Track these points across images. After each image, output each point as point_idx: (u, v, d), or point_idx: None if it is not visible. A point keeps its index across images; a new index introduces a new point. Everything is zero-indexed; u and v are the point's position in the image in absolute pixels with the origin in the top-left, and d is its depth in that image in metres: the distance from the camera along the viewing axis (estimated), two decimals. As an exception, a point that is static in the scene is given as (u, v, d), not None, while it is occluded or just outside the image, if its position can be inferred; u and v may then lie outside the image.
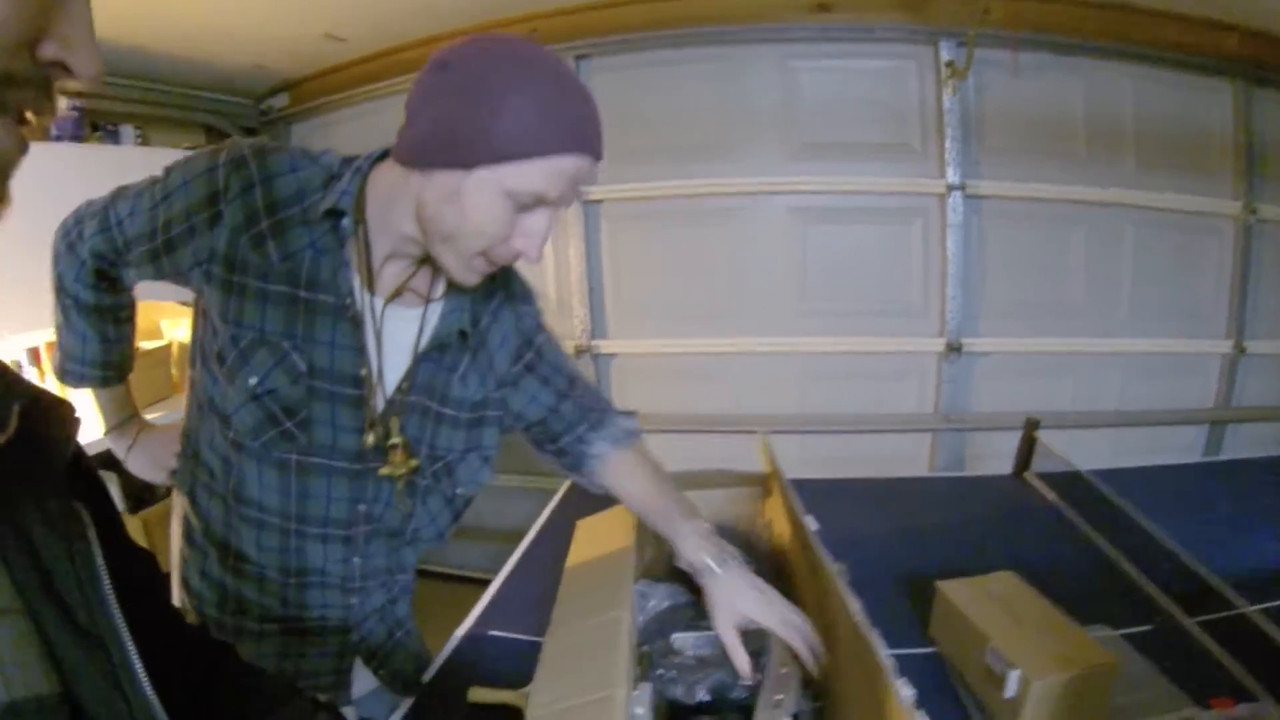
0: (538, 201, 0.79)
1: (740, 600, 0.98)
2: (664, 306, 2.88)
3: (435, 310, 0.96)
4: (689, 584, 1.10)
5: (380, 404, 0.94)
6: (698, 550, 1.02)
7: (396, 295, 0.92)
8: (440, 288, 0.97)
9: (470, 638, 1.28)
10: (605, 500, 1.21)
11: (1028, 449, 1.88)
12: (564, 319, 2.96)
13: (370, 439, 0.93)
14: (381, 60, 3.02)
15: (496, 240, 0.81)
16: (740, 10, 2.56)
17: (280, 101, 3.40)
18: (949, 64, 2.51)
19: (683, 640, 1.05)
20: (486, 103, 0.75)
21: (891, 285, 2.72)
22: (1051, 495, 1.74)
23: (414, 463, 0.97)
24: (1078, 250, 2.69)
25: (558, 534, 1.51)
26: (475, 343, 1.00)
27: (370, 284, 0.90)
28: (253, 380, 0.89)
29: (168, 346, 2.85)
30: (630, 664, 0.88)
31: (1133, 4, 2.39)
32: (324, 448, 0.93)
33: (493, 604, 1.39)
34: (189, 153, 0.95)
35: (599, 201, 2.87)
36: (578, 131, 0.79)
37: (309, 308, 0.88)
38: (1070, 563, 1.43)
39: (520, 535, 1.66)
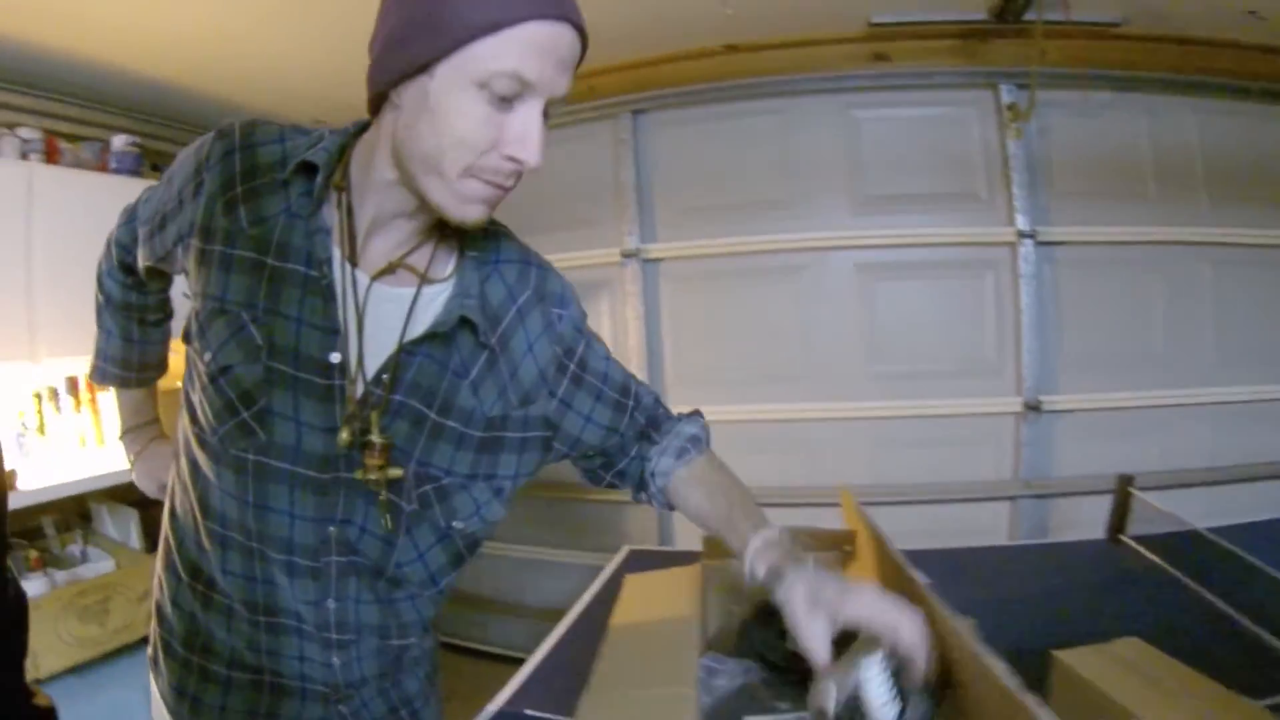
0: (518, 87, 0.67)
1: (824, 591, 0.77)
2: (726, 371, 2.76)
3: (437, 293, 0.82)
4: (764, 660, 0.96)
5: (358, 400, 0.78)
6: (765, 557, 0.84)
7: (388, 271, 0.80)
8: (445, 269, 0.83)
9: (502, 716, 1.12)
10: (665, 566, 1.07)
11: (1122, 509, 1.70)
12: None
13: (345, 434, 0.76)
14: None
15: (481, 148, 0.69)
16: (799, 61, 2.52)
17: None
18: (1010, 107, 2.43)
19: (758, 724, 0.89)
20: None
21: (964, 342, 2.56)
22: (1154, 557, 1.55)
23: (395, 472, 0.79)
24: (1156, 295, 2.53)
25: (606, 610, 1.35)
26: (497, 345, 0.84)
27: (352, 256, 0.78)
28: (207, 356, 0.78)
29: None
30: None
31: (1186, 35, 2.33)
32: (285, 448, 0.78)
33: (531, 679, 1.22)
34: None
35: (657, 261, 2.80)
36: None
37: (275, 276, 0.77)
38: (1187, 628, 1.24)
39: (561, 614, 1.49)
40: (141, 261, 0.93)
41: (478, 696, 1.19)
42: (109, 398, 2.51)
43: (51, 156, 2.46)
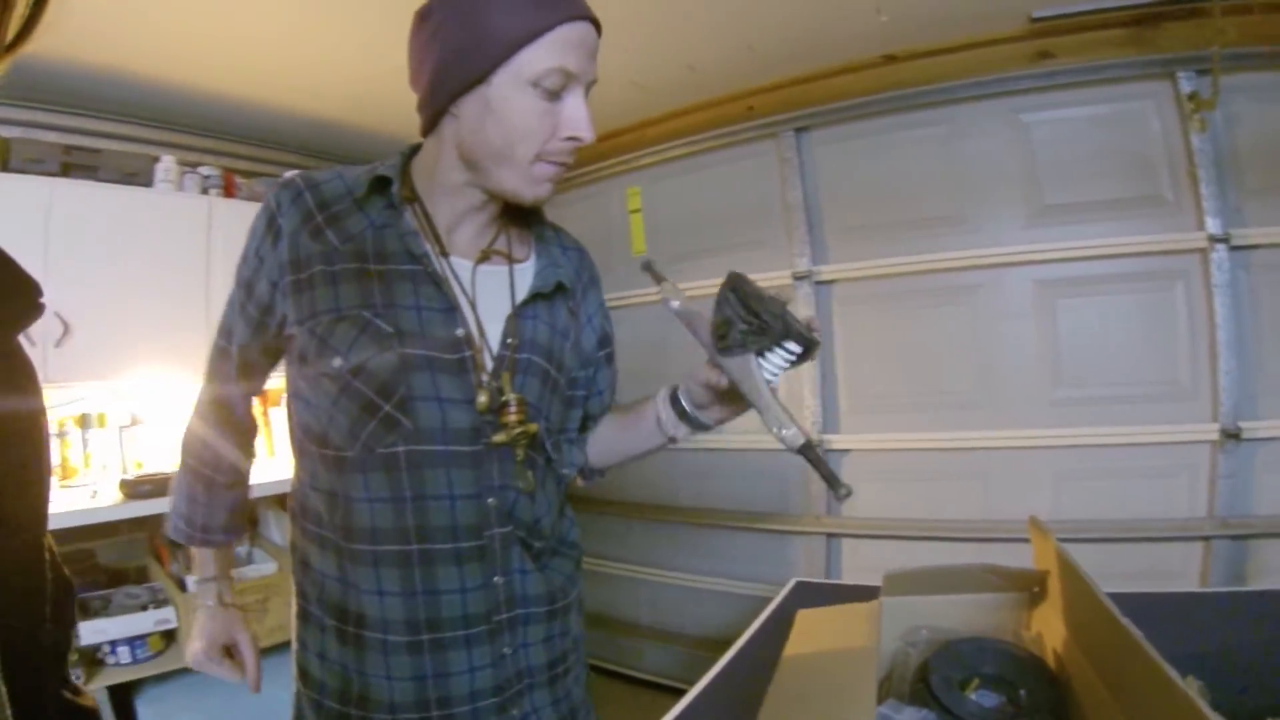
0: (564, 80, 0.80)
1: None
2: (900, 398, 2.62)
3: (526, 269, 0.94)
4: (944, 708, 0.87)
5: (488, 363, 0.87)
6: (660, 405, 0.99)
7: (485, 259, 0.91)
8: (525, 249, 0.97)
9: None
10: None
11: None
12: (794, 411, 2.76)
13: (483, 398, 0.84)
14: (599, 144, 3.11)
15: (544, 135, 0.81)
16: (959, 66, 2.39)
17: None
18: (1191, 96, 2.16)
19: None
20: (473, 14, 0.78)
21: (1153, 362, 2.30)
22: None
23: (532, 426, 0.87)
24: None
25: (772, 643, 1.25)
26: (575, 307, 0.99)
27: (444, 251, 0.89)
28: (337, 362, 0.83)
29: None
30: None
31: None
32: (433, 431, 0.83)
33: (691, 710, 1.15)
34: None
35: (830, 283, 2.72)
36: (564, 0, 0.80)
37: (383, 277, 0.85)
38: None
39: (721, 645, 1.43)
40: (239, 350, 0.94)
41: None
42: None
43: (228, 191, 2.68)
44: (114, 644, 2.08)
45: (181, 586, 2.18)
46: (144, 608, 2.13)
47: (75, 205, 2.21)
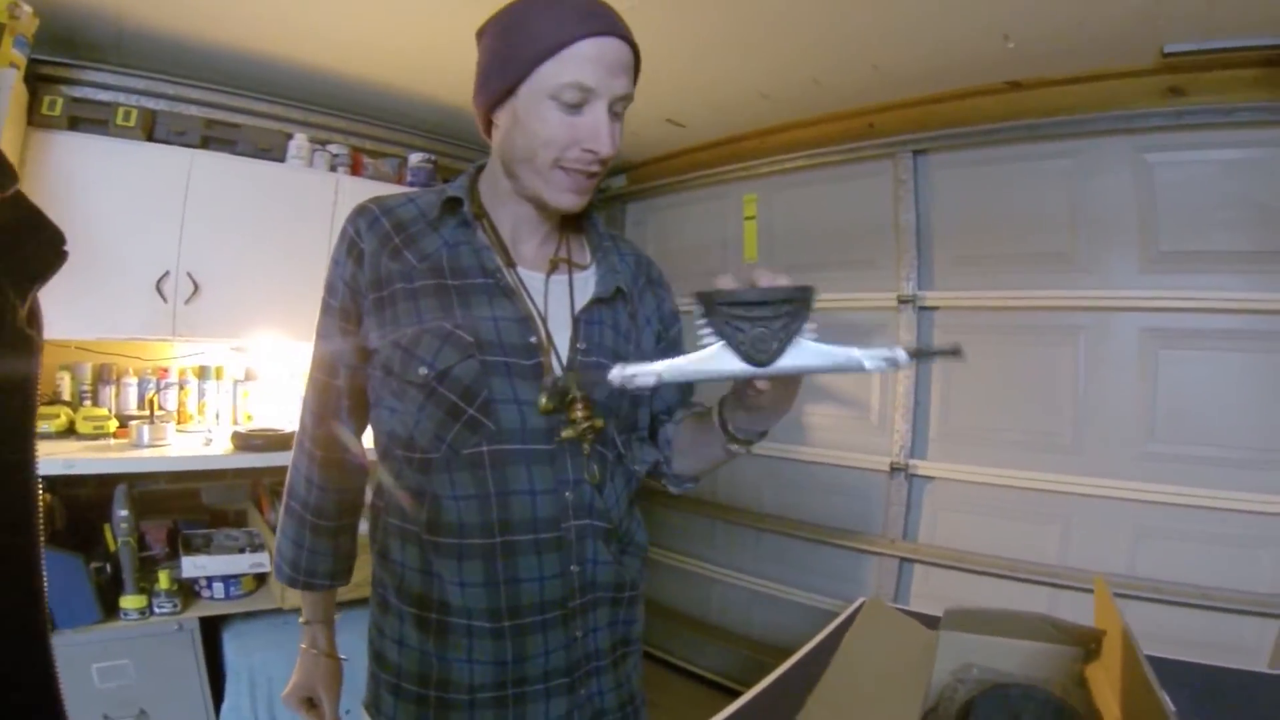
0: (582, 95, 0.84)
1: None
2: (992, 431, 2.58)
3: (588, 276, 1.01)
4: None
5: (558, 369, 0.93)
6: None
7: (554, 269, 0.98)
8: (585, 256, 1.03)
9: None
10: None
11: None
12: (883, 434, 2.79)
13: (544, 399, 0.90)
14: (721, 148, 3.18)
15: (562, 145, 0.86)
16: (1089, 99, 2.30)
17: (619, 182, 3.69)
18: (1328, 147, 2.02)
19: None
20: (506, 31, 0.87)
21: (1257, 427, 2.16)
22: None
23: (599, 422, 0.93)
24: None
25: (831, 659, 1.27)
26: (634, 310, 1.04)
27: (510, 261, 0.95)
28: (423, 370, 0.89)
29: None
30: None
31: None
32: (513, 431, 0.90)
33: (746, 710, 1.19)
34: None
35: (933, 309, 2.69)
36: (587, 15, 0.85)
37: (460, 292, 0.92)
38: None
39: (782, 652, 1.47)
40: (346, 373, 0.99)
41: (681, 712, 1.18)
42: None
43: (355, 169, 2.84)
44: (210, 580, 2.26)
45: (276, 534, 2.36)
46: (241, 550, 2.30)
47: (212, 175, 2.39)
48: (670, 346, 1.10)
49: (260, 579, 2.38)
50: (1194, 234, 2.22)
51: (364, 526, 1.09)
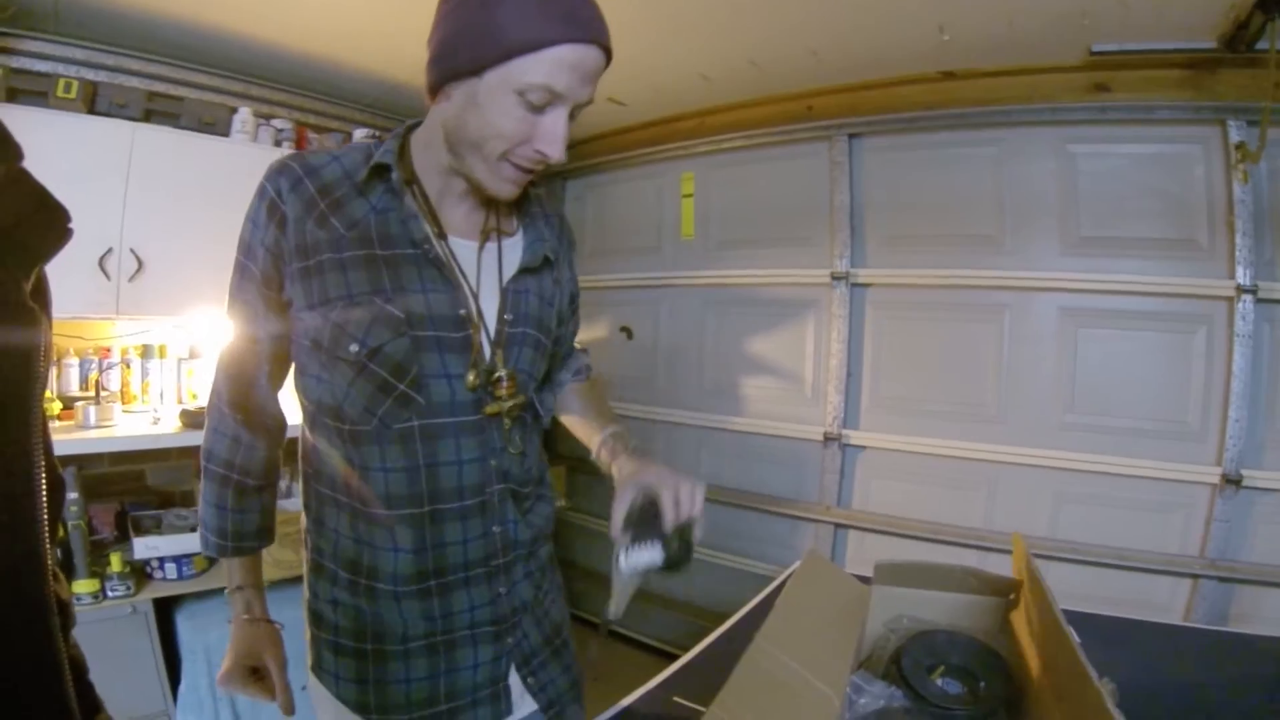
0: (549, 97, 0.82)
1: (642, 471, 0.94)
2: (921, 402, 2.73)
3: (514, 243, 1.01)
4: (910, 688, 0.99)
5: (486, 342, 0.94)
6: (608, 447, 1.03)
7: (486, 239, 0.97)
8: (513, 223, 1.02)
9: (648, 699, 1.19)
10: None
11: None
12: (816, 405, 2.91)
13: (471, 377, 0.92)
14: (660, 127, 3.23)
15: (516, 141, 0.85)
16: (1018, 91, 2.44)
17: (559, 158, 3.73)
18: (1239, 146, 2.19)
19: (893, 752, 0.90)
20: (488, 6, 0.79)
21: (1166, 401, 2.36)
22: None
23: (522, 398, 0.97)
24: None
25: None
26: (559, 275, 1.06)
27: (439, 228, 0.93)
28: (354, 348, 0.88)
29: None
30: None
31: None
32: (443, 405, 0.91)
33: (685, 670, 1.29)
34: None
35: (866, 286, 2.82)
36: (574, 18, 0.80)
37: (389, 262, 0.90)
38: None
39: (724, 617, 1.55)
40: (266, 335, 0.97)
41: (626, 677, 1.27)
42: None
43: (300, 144, 2.79)
44: (163, 560, 2.25)
45: (227, 514, 2.35)
46: (192, 529, 2.29)
47: (156, 149, 2.33)
48: (575, 309, 1.18)
49: (212, 558, 2.37)
50: (1112, 221, 2.39)
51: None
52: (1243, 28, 1.99)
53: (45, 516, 0.50)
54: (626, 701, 1.17)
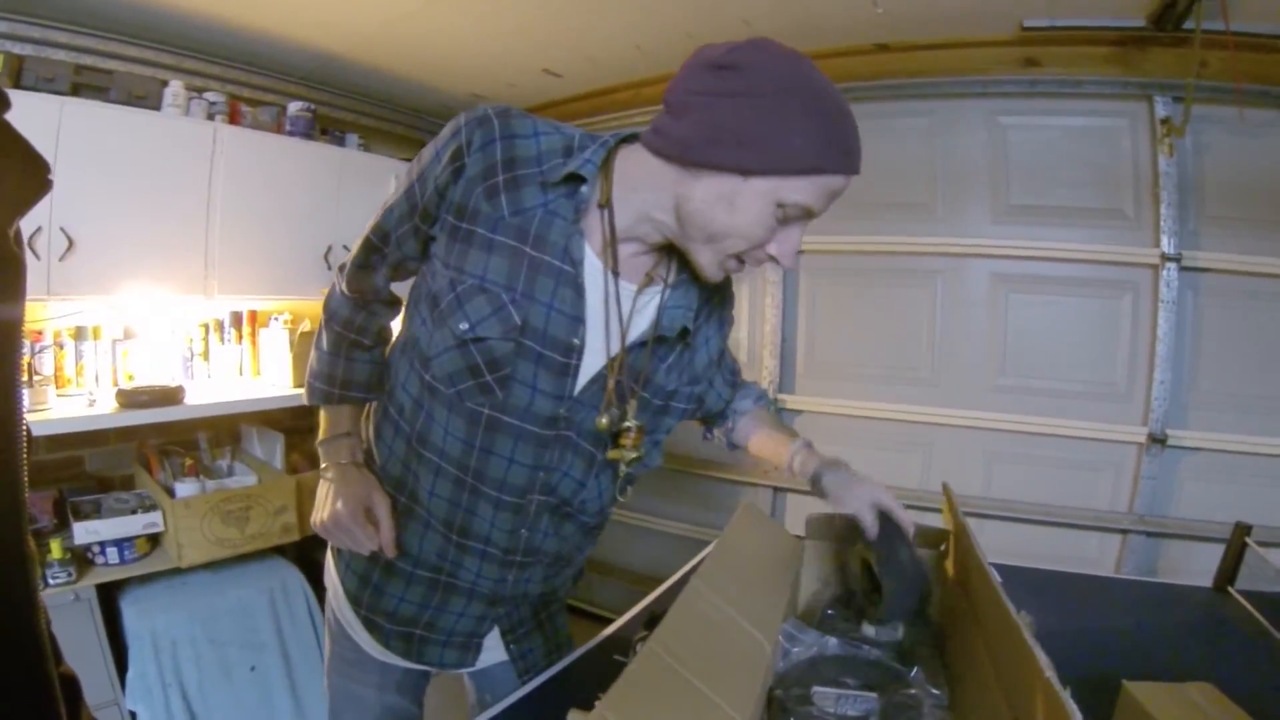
0: (803, 214, 0.85)
1: (866, 487, 1.08)
2: (855, 367, 2.81)
3: (666, 296, 0.98)
4: (842, 632, 1.05)
5: (582, 377, 0.94)
6: (810, 457, 1.16)
7: (649, 283, 0.96)
8: (673, 272, 0.99)
9: (590, 660, 1.21)
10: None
11: (1234, 559, 1.59)
12: (752, 370, 2.95)
13: (604, 420, 0.95)
14: (596, 99, 3.22)
15: (757, 245, 0.86)
16: (948, 64, 2.50)
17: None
18: (1164, 121, 2.29)
19: (824, 696, 0.94)
20: (779, 117, 0.79)
21: (1094, 364, 2.47)
22: (1257, 614, 1.45)
23: (642, 453, 0.98)
24: (1310, 336, 2.33)
25: None
26: (692, 339, 1.03)
27: (614, 264, 0.92)
28: (463, 326, 0.90)
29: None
30: (760, 700, 0.78)
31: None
32: (518, 409, 0.94)
33: (625, 628, 1.32)
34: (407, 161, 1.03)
35: (799, 254, 2.83)
36: (852, 152, 0.84)
37: (532, 265, 0.89)
38: (1272, 687, 1.17)
39: (662, 581, 1.58)
40: (386, 258, 1.01)
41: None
42: (268, 333, 2.79)
43: (234, 118, 2.72)
44: (104, 545, 2.20)
45: (170, 493, 2.31)
46: (133, 511, 2.25)
47: (84, 124, 2.24)
48: (720, 362, 1.18)
49: (154, 540, 2.34)
50: (1042, 191, 2.48)
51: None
52: (1170, 7, 2.07)
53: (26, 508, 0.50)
54: (566, 661, 1.19)
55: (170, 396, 2.35)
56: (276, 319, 2.82)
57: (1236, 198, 2.31)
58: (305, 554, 2.60)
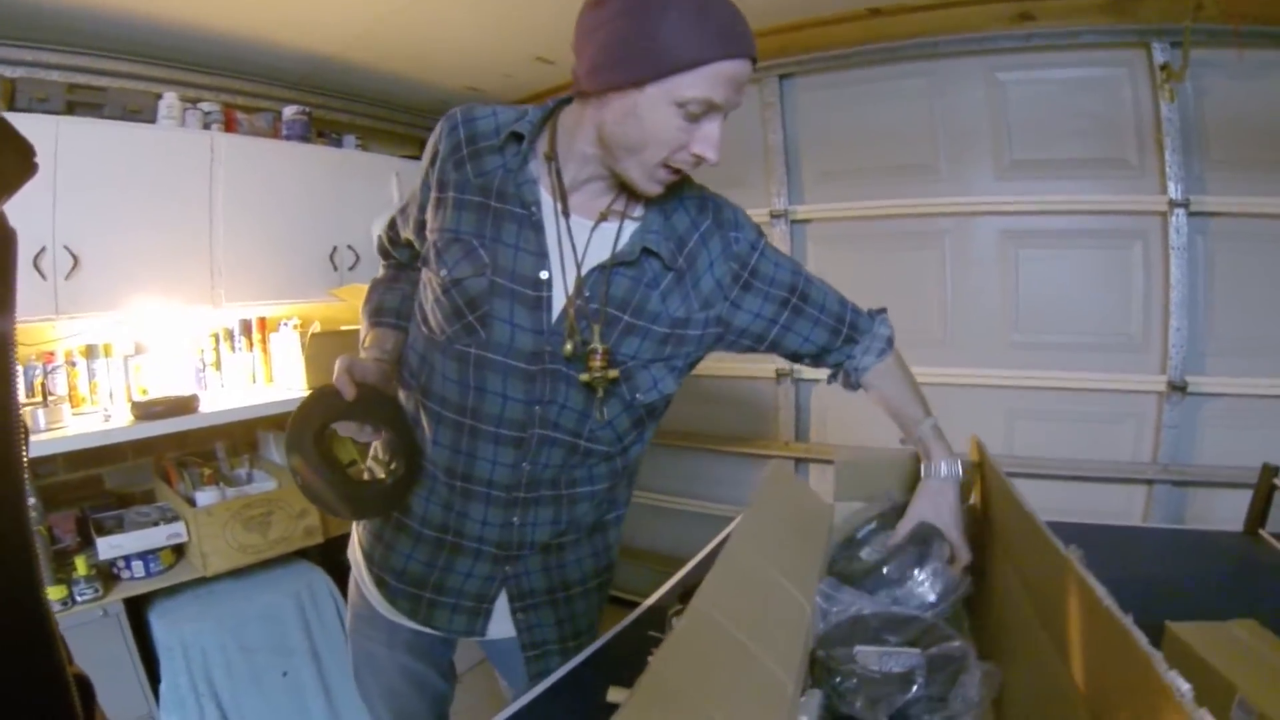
0: (707, 108, 0.88)
1: (940, 504, 1.12)
2: None
3: (629, 228, 1.04)
4: (878, 588, 1.03)
5: (556, 307, 1.00)
6: (938, 442, 1.18)
7: (603, 219, 1.03)
8: (638, 209, 1.05)
9: (623, 636, 1.21)
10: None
11: (1263, 501, 1.59)
12: None
13: (569, 346, 0.99)
14: None
15: (675, 148, 0.91)
16: (942, 23, 2.47)
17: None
18: (1164, 67, 2.25)
19: (866, 654, 0.93)
20: (648, 22, 0.84)
21: (1108, 315, 2.45)
22: None
23: (613, 374, 1.01)
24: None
25: None
26: (684, 264, 1.05)
27: (565, 205, 1.01)
28: (444, 273, 1.02)
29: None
30: (804, 661, 0.77)
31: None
32: (501, 345, 1.01)
33: (658, 606, 1.31)
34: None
35: (805, 222, 2.86)
36: (733, 35, 0.87)
37: (497, 214, 1.01)
38: None
39: (683, 562, 1.57)
40: (401, 233, 1.20)
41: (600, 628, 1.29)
42: (279, 339, 2.79)
43: (230, 126, 2.72)
44: (128, 558, 2.21)
45: (191, 503, 2.32)
46: (156, 524, 2.25)
47: (81, 142, 2.24)
48: (749, 282, 1.10)
49: (178, 550, 2.34)
50: (1043, 144, 2.45)
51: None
52: (1163, -50, 2.04)
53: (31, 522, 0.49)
54: (601, 640, 1.20)
55: (184, 406, 2.35)
56: (286, 324, 2.81)
57: (1240, 140, 2.27)
58: (330, 556, 2.61)
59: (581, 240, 1.02)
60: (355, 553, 1.25)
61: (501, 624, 1.16)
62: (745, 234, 1.10)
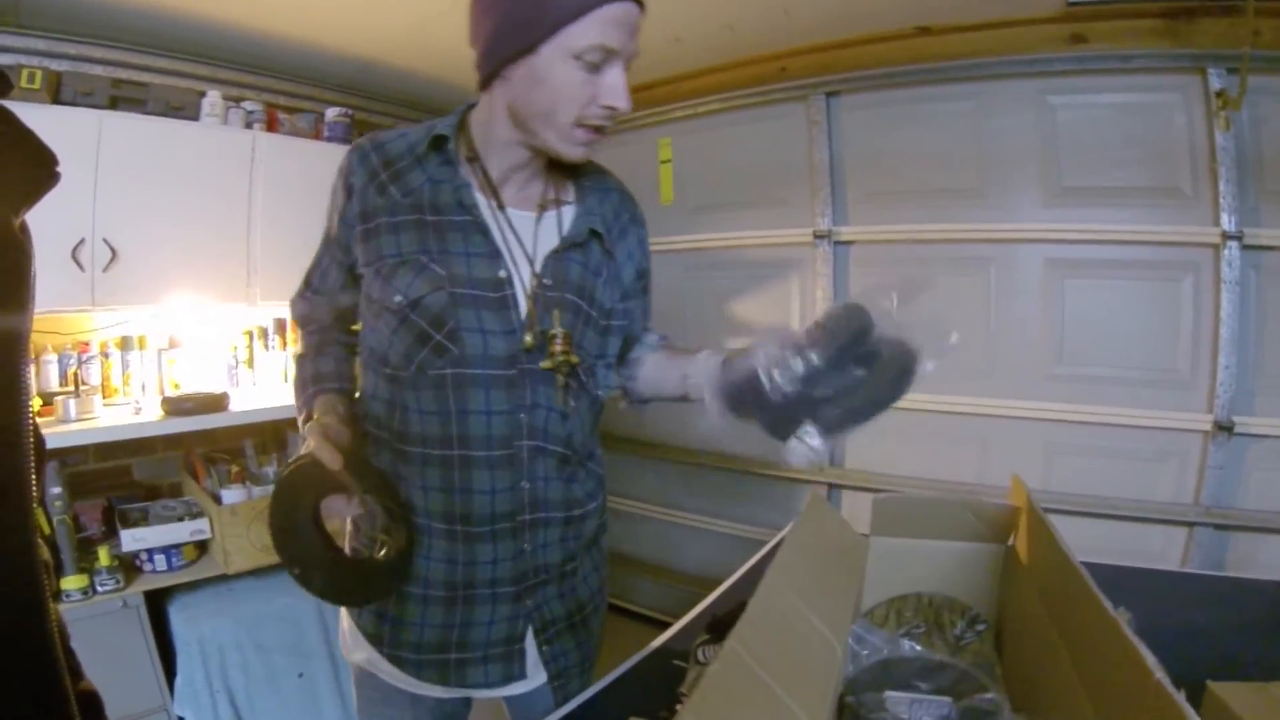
0: (605, 55, 0.88)
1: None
2: None
3: (568, 212, 1.06)
4: (912, 634, 1.00)
5: (522, 302, 0.99)
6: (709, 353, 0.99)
7: (544, 209, 1.03)
8: (569, 194, 1.07)
9: (646, 664, 1.18)
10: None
11: None
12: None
13: (529, 338, 0.98)
14: (633, 94, 3.13)
15: (584, 103, 0.90)
16: (993, 44, 2.41)
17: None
18: (1219, 94, 2.17)
19: (897, 701, 0.89)
20: None
21: (1155, 350, 2.36)
22: None
23: (574, 357, 1.00)
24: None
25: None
26: (612, 250, 1.08)
27: (498, 200, 1.01)
28: (398, 299, 0.97)
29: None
30: (833, 707, 0.73)
31: None
32: (476, 356, 0.97)
33: (681, 635, 1.27)
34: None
35: (849, 244, 2.80)
36: None
37: (437, 227, 0.98)
38: None
39: (717, 584, 1.54)
40: (328, 293, 1.12)
41: (617, 646, 1.26)
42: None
43: (272, 126, 2.75)
44: (151, 552, 2.22)
45: (217, 500, 2.33)
46: (180, 519, 2.27)
47: (123, 137, 2.28)
48: (646, 286, 1.18)
49: (201, 546, 2.35)
50: (1093, 171, 2.37)
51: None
52: (1220, -25, 1.98)
53: (33, 470, 0.49)
54: (625, 666, 1.16)
55: (215, 404, 2.37)
56: (318, 325, 2.82)
57: (1298, 172, 2.18)
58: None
59: (528, 233, 1.02)
60: (356, 653, 1.11)
61: (534, 663, 1.08)
62: (646, 234, 1.17)
